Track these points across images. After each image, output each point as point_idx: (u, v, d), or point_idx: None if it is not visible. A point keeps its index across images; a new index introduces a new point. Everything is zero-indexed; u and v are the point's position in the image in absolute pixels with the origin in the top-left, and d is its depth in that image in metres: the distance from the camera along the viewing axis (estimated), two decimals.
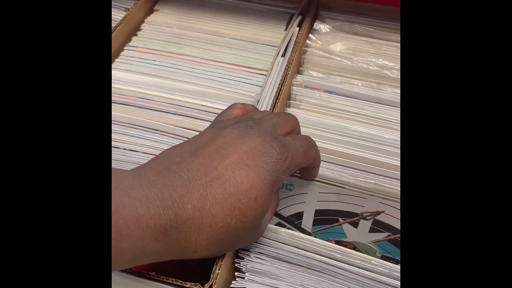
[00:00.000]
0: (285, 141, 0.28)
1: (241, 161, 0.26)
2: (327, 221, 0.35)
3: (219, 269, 0.29)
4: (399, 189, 0.34)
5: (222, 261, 0.30)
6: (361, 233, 0.34)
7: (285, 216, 0.35)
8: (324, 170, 0.36)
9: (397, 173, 0.36)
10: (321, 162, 0.36)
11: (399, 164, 0.36)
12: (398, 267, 0.31)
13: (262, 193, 0.26)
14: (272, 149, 0.27)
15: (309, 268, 0.32)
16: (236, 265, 0.32)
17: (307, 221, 0.35)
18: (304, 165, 0.30)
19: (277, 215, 0.35)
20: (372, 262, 0.31)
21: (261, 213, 0.27)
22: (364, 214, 0.34)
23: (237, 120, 0.30)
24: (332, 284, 0.31)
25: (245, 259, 0.32)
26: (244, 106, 0.33)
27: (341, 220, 0.35)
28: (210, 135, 0.29)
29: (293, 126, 0.32)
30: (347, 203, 0.35)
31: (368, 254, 0.31)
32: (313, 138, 0.37)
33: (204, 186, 0.25)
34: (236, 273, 0.32)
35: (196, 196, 0.25)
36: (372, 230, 0.34)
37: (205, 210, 0.25)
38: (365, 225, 0.35)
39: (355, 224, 0.35)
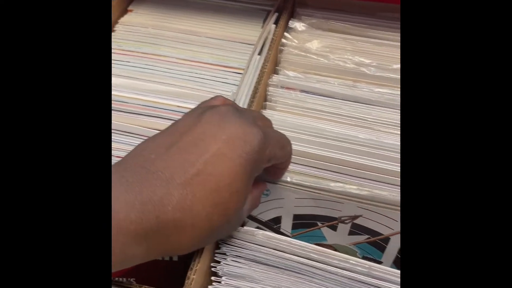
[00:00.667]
0: (266, 130, 0.28)
1: (221, 152, 0.25)
2: (305, 225, 0.35)
3: (194, 274, 0.29)
4: (378, 192, 0.34)
5: (197, 266, 0.29)
6: (340, 235, 0.34)
7: (264, 221, 0.35)
8: (301, 173, 0.36)
9: (376, 175, 0.35)
10: (298, 165, 0.36)
11: (377, 166, 0.35)
12: (377, 265, 0.31)
13: (242, 184, 0.26)
14: (254, 136, 0.26)
15: (286, 270, 0.31)
16: (212, 269, 0.31)
17: (286, 225, 0.35)
18: (280, 159, 0.30)
19: (256, 219, 0.35)
20: (351, 261, 0.31)
21: (241, 205, 0.27)
22: (342, 218, 0.34)
23: (216, 105, 0.29)
24: (310, 285, 0.31)
25: (221, 262, 0.31)
26: (225, 99, 0.33)
27: (319, 224, 0.35)
28: (186, 123, 0.27)
29: (270, 125, 0.32)
30: (324, 208, 0.34)
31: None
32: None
33: (184, 185, 0.24)
34: (212, 278, 0.31)
35: (176, 197, 0.24)
36: (351, 233, 0.34)
37: (186, 210, 0.24)
38: (344, 228, 0.34)
39: (334, 228, 0.34)
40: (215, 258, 0.32)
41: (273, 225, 0.35)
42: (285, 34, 0.45)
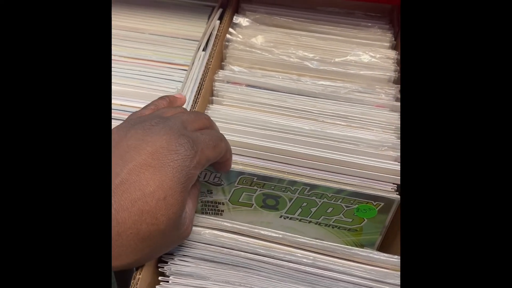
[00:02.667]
0: (194, 136, 0.28)
1: (145, 163, 0.25)
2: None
3: (139, 274, 0.29)
4: (323, 177, 0.35)
5: (143, 265, 0.29)
6: None
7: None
8: (250, 165, 0.36)
9: (320, 164, 0.36)
10: (247, 157, 0.36)
11: (321, 155, 0.36)
12: (321, 256, 0.32)
13: (172, 191, 0.26)
14: (180, 145, 0.26)
15: (235, 266, 0.31)
16: (159, 269, 0.31)
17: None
18: (216, 158, 0.30)
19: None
20: (297, 254, 0.32)
21: (175, 212, 0.26)
22: None
23: (143, 119, 0.28)
24: (258, 278, 0.31)
25: (169, 262, 0.31)
26: (156, 105, 0.32)
27: None
28: (113, 139, 0.27)
29: (204, 124, 0.31)
30: None
31: None
32: (237, 134, 0.37)
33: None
34: (160, 278, 0.31)
35: None
36: None
37: (112, 219, 0.24)
38: None
39: None
40: (162, 258, 0.31)
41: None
42: (230, 29, 0.45)
